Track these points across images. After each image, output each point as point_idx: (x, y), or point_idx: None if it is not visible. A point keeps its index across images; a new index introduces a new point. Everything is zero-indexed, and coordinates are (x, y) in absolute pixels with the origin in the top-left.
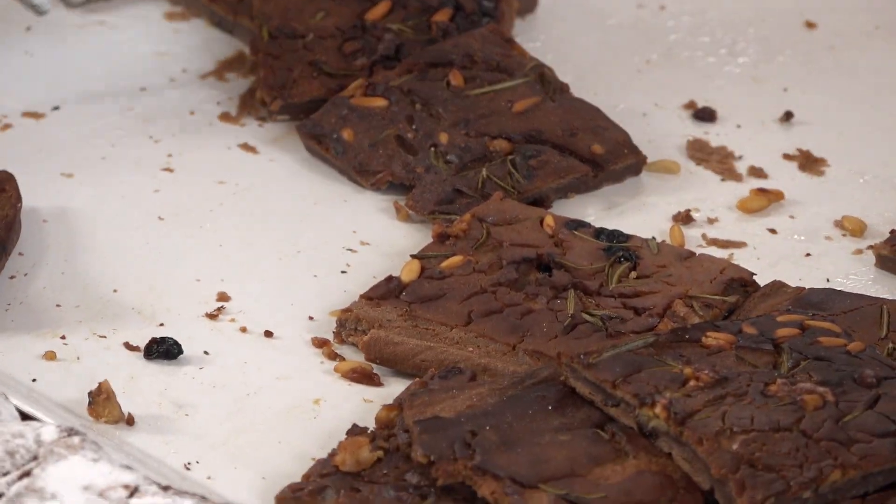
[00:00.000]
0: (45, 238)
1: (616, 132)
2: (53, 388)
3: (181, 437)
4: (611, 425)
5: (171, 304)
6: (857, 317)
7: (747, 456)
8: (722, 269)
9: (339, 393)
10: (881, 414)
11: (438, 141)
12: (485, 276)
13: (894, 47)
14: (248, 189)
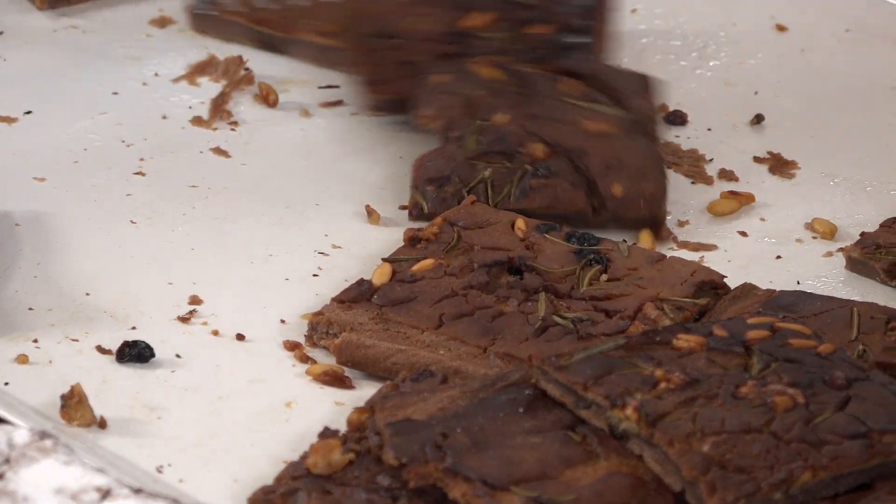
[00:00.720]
0: (17, 242)
1: (652, 184)
2: (26, 392)
3: (153, 440)
4: (582, 427)
5: (144, 307)
6: (828, 319)
7: (718, 457)
8: (692, 272)
9: (310, 396)
10: (851, 416)
11: (491, 118)
12: (456, 279)
13: (864, 50)
14: (219, 193)
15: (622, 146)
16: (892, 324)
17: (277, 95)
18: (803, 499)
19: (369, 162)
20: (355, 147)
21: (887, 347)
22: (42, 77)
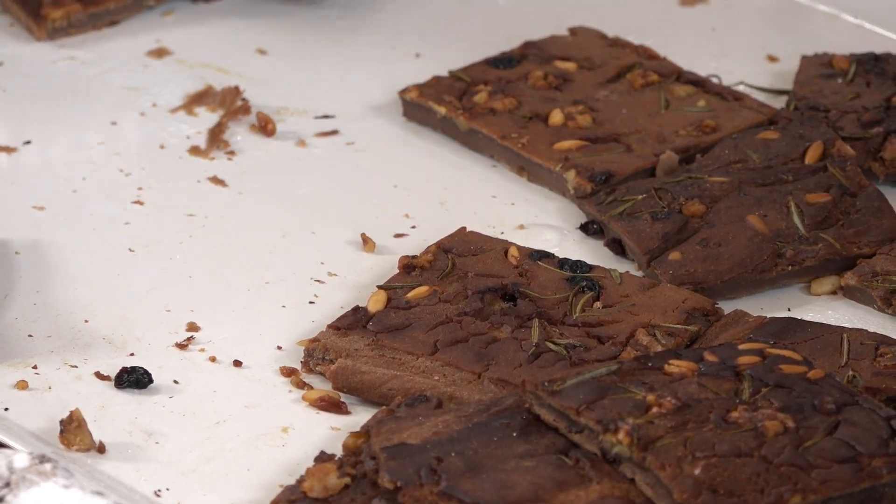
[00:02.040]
0: (16, 269)
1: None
2: (25, 417)
3: (151, 464)
4: (575, 451)
5: (142, 334)
6: (818, 345)
7: (709, 481)
8: (684, 299)
9: (307, 421)
10: (840, 440)
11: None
12: (450, 305)
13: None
14: (217, 221)
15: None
16: (881, 349)
17: (275, 124)
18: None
19: (364, 191)
20: (350, 176)
21: (876, 373)
22: (41, 107)
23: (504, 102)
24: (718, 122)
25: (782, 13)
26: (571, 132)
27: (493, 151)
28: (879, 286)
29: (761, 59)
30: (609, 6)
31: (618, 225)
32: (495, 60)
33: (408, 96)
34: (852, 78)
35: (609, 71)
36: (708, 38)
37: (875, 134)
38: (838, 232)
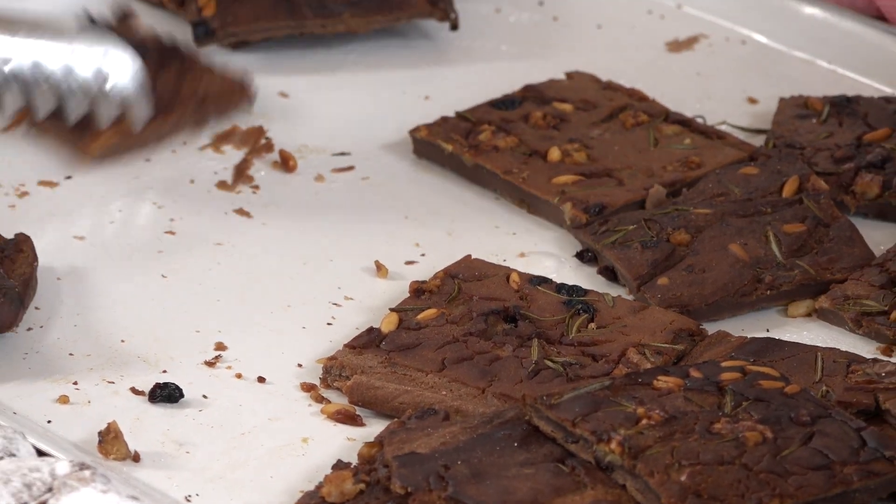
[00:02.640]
0: (58, 294)
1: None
2: (67, 429)
3: (182, 472)
4: (571, 460)
5: (174, 352)
6: (794, 363)
7: (694, 487)
8: (671, 321)
9: (325, 432)
10: (815, 449)
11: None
12: (456, 326)
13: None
14: (242, 250)
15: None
16: (852, 367)
17: (296, 161)
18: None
19: (377, 222)
20: (365, 208)
21: (848, 388)
22: None
23: (506, 140)
24: (703, 158)
25: (761, 59)
26: (568, 168)
27: (495, 185)
28: (851, 309)
29: (742, 101)
30: (603, 53)
31: (610, 253)
32: (498, 102)
33: (418, 135)
34: (826, 118)
35: (603, 112)
36: (693, 81)
37: (847, 169)
38: (813, 259)
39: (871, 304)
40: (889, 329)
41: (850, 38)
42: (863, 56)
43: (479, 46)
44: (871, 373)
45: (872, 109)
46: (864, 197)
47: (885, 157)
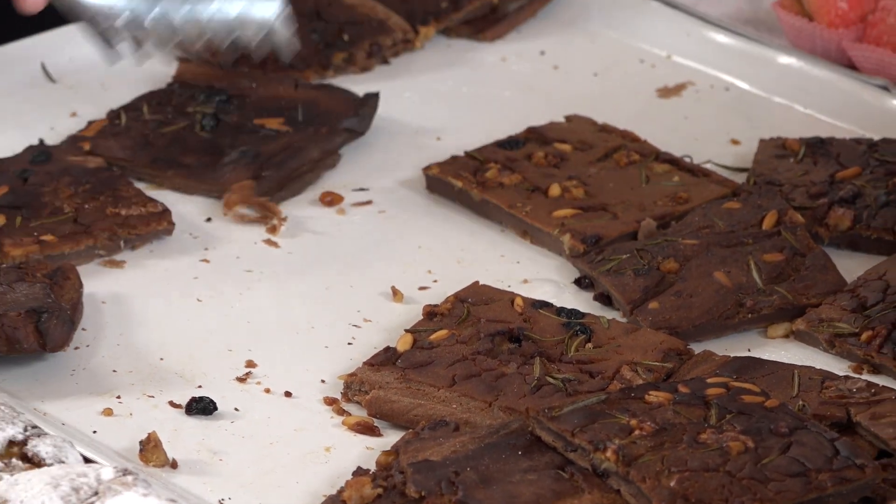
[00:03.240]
0: (103, 316)
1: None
2: (111, 438)
3: (216, 478)
4: (570, 467)
5: (208, 369)
6: (773, 379)
7: (682, 491)
8: (661, 341)
9: (346, 442)
10: (792, 458)
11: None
12: (466, 346)
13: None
14: (270, 276)
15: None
16: (826, 383)
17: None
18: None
19: (393, 251)
20: (382, 239)
21: (822, 403)
22: None
23: (511, 178)
24: (690, 194)
25: (744, 104)
26: (567, 202)
27: (501, 218)
28: (825, 331)
29: (725, 142)
30: (599, 98)
31: (606, 280)
32: (503, 143)
33: (430, 172)
34: (802, 158)
35: (599, 151)
36: (681, 124)
37: (821, 204)
38: (790, 286)
39: (844, 326)
40: (859, 349)
41: (824, 85)
42: (835, 101)
43: (486, 92)
44: (843, 389)
45: (844, 150)
46: (836, 229)
47: (856, 194)
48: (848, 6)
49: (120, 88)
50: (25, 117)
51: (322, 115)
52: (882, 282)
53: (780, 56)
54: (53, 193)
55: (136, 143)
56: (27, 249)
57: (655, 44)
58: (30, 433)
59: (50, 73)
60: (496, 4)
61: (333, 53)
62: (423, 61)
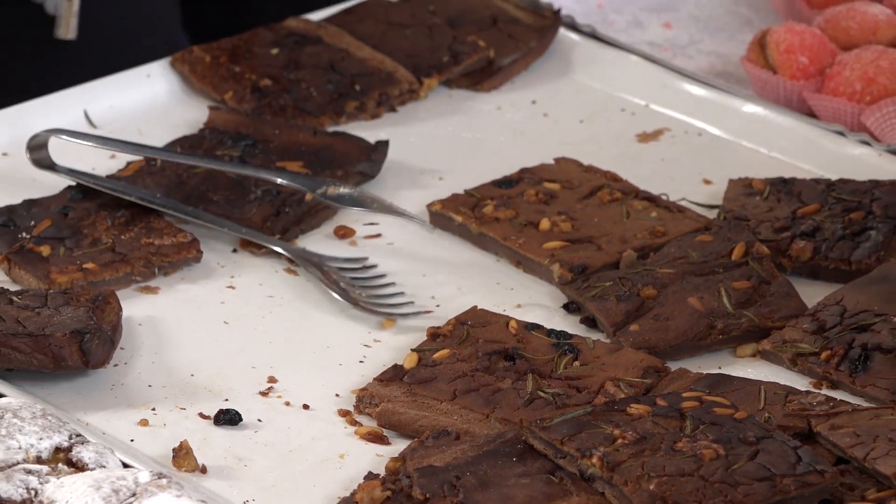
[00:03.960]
0: (139, 337)
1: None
2: (147, 446)
3: (241, 481)
4: (559, 472)
5: (234, 384)
6: (742, 394)
7: (661, 494)
8: (641, 360)
9: (358, 450)
10: (759, 464)
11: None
12: (465, 364)
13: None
14: (290, 301)
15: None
16: (789, 398)
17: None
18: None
19: (400, 279)
20: (390, 268)
21: (786, 415)
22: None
23: (505, 213)
24: (666, 228)
25: (715, 148)
26: (556, 235)
27: (497, 249)
28: (788, 350)
29: (698, 182)
30: (584, 142)
31: (591, 304)
32: (499, 182)
33: (433, 208)
34: (767, 196)
35: (584, 190)
36: (659, 166)
37: (784, 238)
38: (757, 310)
39: (805, 346)
40: (819, 367)
41: (786, 131)
42: (797, 146)
43: (483, 137)
44: (804, 402)
45: (805, 189)
46: (798, 260)
47: (816, 228)
48: (808, 60)
49: (155, 133)
50: (70, 158)
51: (338, 159)
52: (839, 307)
53: (747, 105)
54: (92, 226)
55: (170, 181)
56: (71, 276)
57: (635, 94)
58: (74, 441)
59: (92, 119)
60: (492, 59)
61: (346, 102)
62: (426, 109)
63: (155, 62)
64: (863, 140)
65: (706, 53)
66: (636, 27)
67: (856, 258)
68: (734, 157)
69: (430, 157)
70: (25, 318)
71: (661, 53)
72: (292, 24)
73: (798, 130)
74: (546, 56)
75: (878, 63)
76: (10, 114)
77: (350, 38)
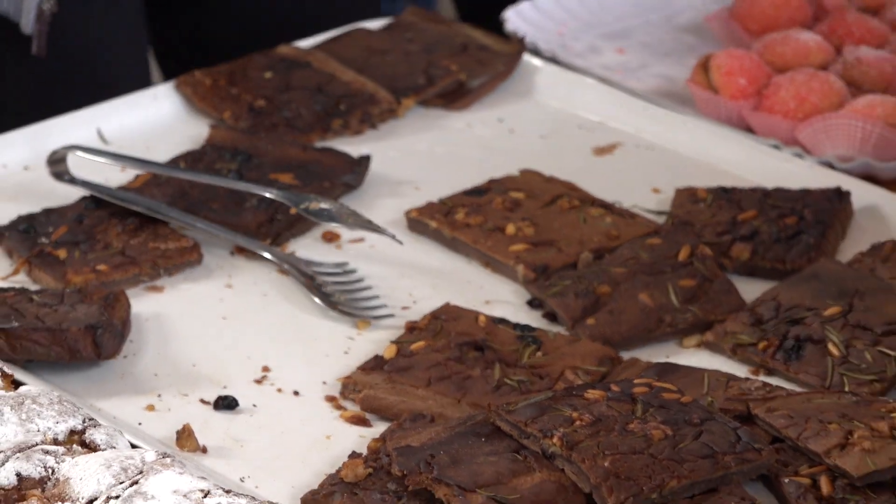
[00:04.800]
0: (146, 331)
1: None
2: (153, 429)
3: (238, 460)
4: (524, 451)
5: (231, 373)
6: (687, 381)
7: (614, 470)
8: (597, 350)
9: (343, 431)
10: (703, 443)
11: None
12: (440, 354)
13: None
14: (283, 299)
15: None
16: (730, 383)
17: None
18: (672, 498)
19: (380, 278)
20: (372, 269)
21: (727, 399)
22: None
23: (475, 219)
24: (620, 232)
25: (663, 161)
26: (521, 239)
27: (468, 252)
28: (729, 341)
29: (649, 191)
30: (546, 156)
31: (552, 301)
32: (469, 191)
33: (411, 215)
34: (710, 203)
35: (546, 198)
36: (613, 176)
37: (725, 240)
38: (701, 305)
39: (744, 337)
40: (757, 356)
41: (728, 145)
42: (737, 158)
43: (455, 152)
44: (743, 388)
45: (744, 197)
46: (738, 260)
47: (754, 231)
48: (747, 82)
49: (161, 149)
50: (85, 171)
51: (325, 171)
52: (775, 302)
53: (692, 122)
54: (104, 232)
55: (174, 192)
56: (86, 277)
57: (591, 112)
58: (87, 424)
59: (104, 136)
60: (463, 81)
61: (332, 120)
62: (404, 127)
63: (161, 85)
64: (796, 153)
65: (655, 76)
66: (592, 53)
67: (790, 259)
68: (681, 169)
69: (408, 170)
70: (44, 315)
71: (614, 76)
72: (284, 50)
73: (738, 144)
74: (512, 79)
75: (810, 84)
76: (31, 132)
77: (336, 63)
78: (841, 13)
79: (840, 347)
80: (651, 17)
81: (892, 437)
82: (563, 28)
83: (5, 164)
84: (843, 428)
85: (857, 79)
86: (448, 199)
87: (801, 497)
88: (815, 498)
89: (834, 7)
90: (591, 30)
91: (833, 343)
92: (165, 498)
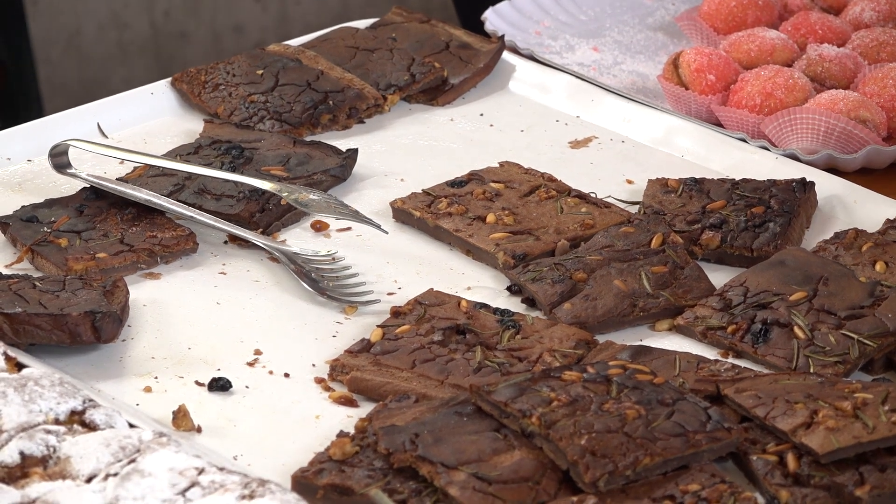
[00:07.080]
0: (143, 316)
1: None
2: (150, 409)
3: (231, 439)
4: (504, 430)
5: (225, 356)
6: (660, 363)
7: (590, 448)
8: (573, 334)
9: (331, 411)
10: (675, 422)
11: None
12: (423, 337)
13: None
14: (274, 286)
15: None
16: (700, 365)
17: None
18: (645, 475)
19: (367, 265)
20: (359, 257)
21: (698, 380)
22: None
23: (457, 209)
24: (595, 221)
25: (636, 153)
26: (501, 228)
27: (450, 240)
28: (699, 325)
29: (622, 182)
30: (524, 149)
31: (531, 286)
32: (451, 182)
33: (396, 205)
34: (680, 193)
35: (524, 189)
36: (588, 168)
37: (695, 229)
38: (672, 291)
39: (714, 321)
40: (726, 339)
41: (697, 138)
42: (706, 150)
43: (437, 145)
44: (713, 369)
45: (713, 187)
46: (707, 248)
47: (722, 220)
48: (715, 78)
49: (158, 142)
50: (85, 163)
51: (314, 164)
52: (743, 287)
53: (663, 116)
54: (104, 222)
55: (171, 183)
56: (86, 264)
57: (568, 107)
58: (87, 405)
59: (103, 130)
60: (446, 78)
61: (321, 115)
62: (390, 121)
63: (157, 82)
64: (762, 146)
65: (628, 73)
66: (568, 50)
67: (757, 246)
68: (653, 161)
69: (393, 162)
70: (46, 301)
71: (589, 73)
72: (275, 48)
73: (707, 137)
74: (492, 75)
75: (775, 80)
76: (34, 126)
77: (324, 61)
78: (805, 13)
79: (805, 331)
80: (624, 16)
81: (856, 416)
82: (540, 27)
83: (10, 156)
84: (809, 408)
85: (820, 75)
86: (431, 189)
87: (769, 474)
88: (782, 474)
89: (798, 7)
90: (567, 29)
91: (799, 327)
92: (162, 475)
